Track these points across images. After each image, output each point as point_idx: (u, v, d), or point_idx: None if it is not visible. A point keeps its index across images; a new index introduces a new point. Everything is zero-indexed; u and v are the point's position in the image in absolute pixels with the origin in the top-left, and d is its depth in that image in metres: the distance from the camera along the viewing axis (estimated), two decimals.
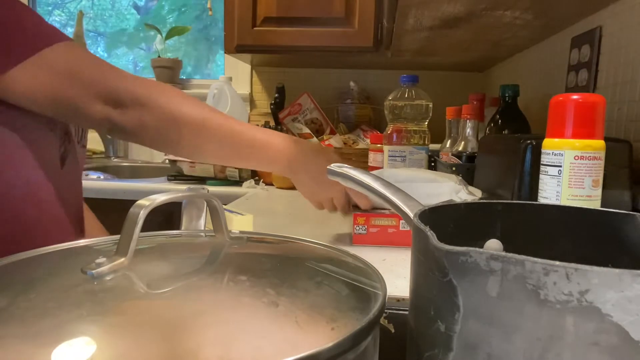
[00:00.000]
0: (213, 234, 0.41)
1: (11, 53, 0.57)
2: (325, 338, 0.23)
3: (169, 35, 2.05)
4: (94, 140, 1.96)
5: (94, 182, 1.39)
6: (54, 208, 0.66)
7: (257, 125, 1.77)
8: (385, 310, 0.42)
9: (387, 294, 0.29)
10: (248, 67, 1.98)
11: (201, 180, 1.47)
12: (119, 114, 0.63)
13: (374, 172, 0.78)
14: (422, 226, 0.27)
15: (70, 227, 0.70)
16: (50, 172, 0.65)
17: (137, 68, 2.35)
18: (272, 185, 1.43)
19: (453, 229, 0.35)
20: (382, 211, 0.71)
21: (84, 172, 1.59)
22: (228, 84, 1.73)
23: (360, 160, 1.50)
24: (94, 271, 0.29)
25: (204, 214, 0.68)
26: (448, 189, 0.71)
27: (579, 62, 0.97)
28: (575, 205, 0.37)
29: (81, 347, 0.22)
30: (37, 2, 2.18)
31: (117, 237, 0.32)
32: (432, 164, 1.18)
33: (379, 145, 1.26)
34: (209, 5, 2.00)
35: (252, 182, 1.42)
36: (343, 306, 0.28)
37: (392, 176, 0.74)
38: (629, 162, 0.63)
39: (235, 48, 1.57)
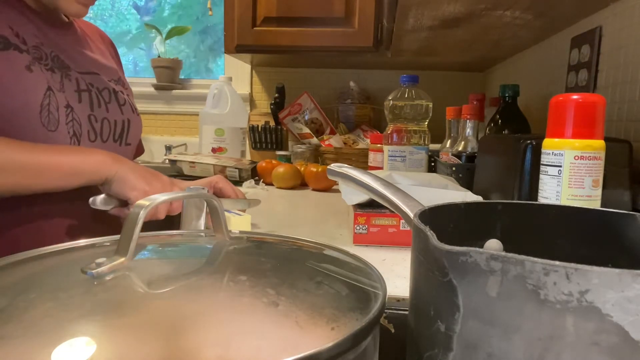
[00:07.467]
0: (213, 234, 0.41)
1: None
2: (325, 338, 0.23)
3: (169, 35, 2.05)
4: None
5: None
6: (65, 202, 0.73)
7: (257, 125, 1.77)
8: (385, 310, 0.42)
9: (387, 294, 0.29)
10: (248, 67, 1.98)
11: None
12: None
13: (382, 173, 0.78)
14: (422, 226, 0.27)
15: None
16: None
17: (137, 68, 2.35)
18: (272, 185, 1.42)
19: (453, 229, 0.35)
20: (383, 211, 0.71)
21: None
22: (228, 84, 1.72)
23: (360, 160, 1.50)
24: (94, 271, 0.29)
25: (204, 214, 0.68)
26: (460, 197, 0.71)
27: (579, 62, 0.97)
28: (575, 205, 0.37)
29: (81, 347, 0.22)
30: None
31: (117, 237, 0.32)
32: (432, 164, 1.18)
33: (379, 145, 1.26)
34: (209, 6, 2.00)
35: (252, 182, 1.42)
36: (343, 306, 0.28)
37: (402, 179, 0.74)
38: (629, 162, 0.63)
39: (235, 48, 1.57)
